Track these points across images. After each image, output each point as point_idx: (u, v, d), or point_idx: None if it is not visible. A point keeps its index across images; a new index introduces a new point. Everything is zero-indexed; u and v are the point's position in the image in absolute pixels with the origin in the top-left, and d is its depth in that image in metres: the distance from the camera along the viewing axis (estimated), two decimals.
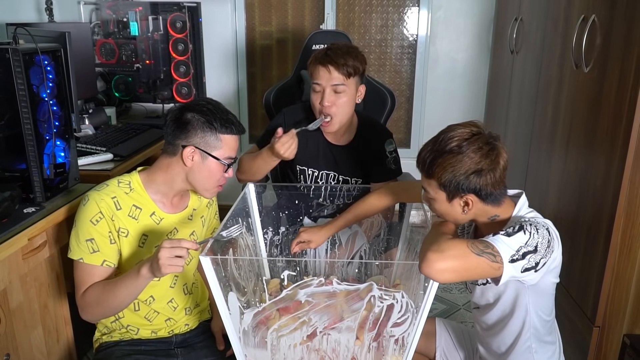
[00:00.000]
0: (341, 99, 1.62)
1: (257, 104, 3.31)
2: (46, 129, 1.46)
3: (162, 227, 1.37)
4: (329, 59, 1.58)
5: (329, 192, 1.72)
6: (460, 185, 1.10)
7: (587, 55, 1.71)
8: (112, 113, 2.53)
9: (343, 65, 1.58)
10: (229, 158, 1.32)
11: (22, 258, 1.38)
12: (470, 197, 1.12)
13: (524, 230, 1.07)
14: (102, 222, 1.28)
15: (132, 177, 1.36)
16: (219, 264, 1.13)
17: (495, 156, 1.10)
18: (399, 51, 3.17)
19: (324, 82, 1.60)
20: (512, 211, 1.18)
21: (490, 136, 1.12)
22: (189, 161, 1.30)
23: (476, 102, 3.14)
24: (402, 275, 1.41)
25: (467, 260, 1.02)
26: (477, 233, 1.27)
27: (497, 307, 1.24)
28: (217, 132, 1.29)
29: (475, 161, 1.09)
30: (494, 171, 1.10)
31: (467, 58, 3.10)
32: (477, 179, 1.10)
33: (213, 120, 1.29)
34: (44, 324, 1.52)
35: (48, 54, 1.46)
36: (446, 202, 1.14)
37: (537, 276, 1.10)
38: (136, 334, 1.41)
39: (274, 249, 1.63)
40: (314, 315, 1.11)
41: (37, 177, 1.44)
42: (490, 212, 1.17)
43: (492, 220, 1.18)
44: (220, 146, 1.30)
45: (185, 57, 2.63)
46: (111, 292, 1.25)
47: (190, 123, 1.28)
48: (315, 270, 1.50)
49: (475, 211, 1.15)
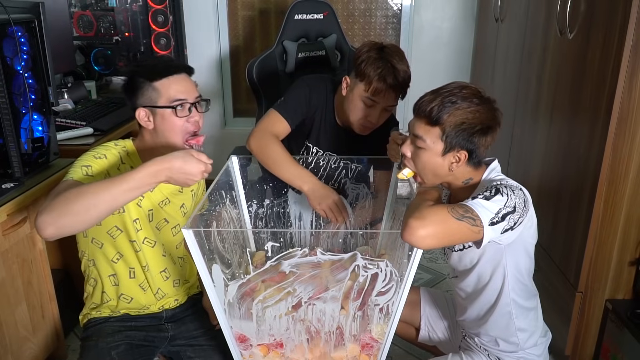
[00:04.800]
0: (388, 113, 1.61)
1: (241, 76, 3.25)
2: (22, 103, 1.42)
3: (155, 194, 1.35)
4: (397, 83, 1.52)
5: (328, 172, 1.69)
6: (464, 138, 1.11)
7: (572, 22, 1.69)
8: (92, 87, 2.47)
9: (407, 85, 1.56)
10: (176, 100, 1.26)
11: (1, 234, 1.36)
12: (463, 154, 1.14)
13: (500, 192, 1.08)
14: (105, 160, 1.26)
15: (127, 143, 1.35)
16: (203, 237, 1.11)
17: (499, 120, 1.14)
18: (384, 21, 3.12)
19: (385, 102, 1.55)
20: (482, 175, 1.19)
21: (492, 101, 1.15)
22: (147, 123, 1.28)
23: (461, 71, 3.11)
24: (387, 246, 1.42)
25: (447, 226, 1.03)
26: (452, 200, 1.28)
27: (475, 272, 1.25)
28: (150, 83, 1.26)
29: (488, 117, 1.12)
30: (493, 134, 1.14)
31: (452, 27, 3.06)
32: (480, 136, 1.12)
33: (142, 74, 1.26)
34: (28, 300, 1.51)
35: (21, 24, 1.41)
36: (439, 154, 1.14)
37: (514, 235, 1.11)
38: (129, 303, 1.39)
39: (259, 221, 1.62)
40: (298, 286, 1.11)
41: (14, 152, 1.40)
42: (467, 174, 1.18)
43: (465, 184, 1.20)
44: (160, 94, 1.26)
45: (166, 29, 2.56)
46: (90, 186, 1.06)
47: (130, 87, 1.28)
48: (301, 242, 1.49)
49: (458, 171, 1.16)
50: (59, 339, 1.68)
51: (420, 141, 1.16)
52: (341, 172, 1.70)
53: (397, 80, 1.52)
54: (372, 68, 1.52)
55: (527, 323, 1.27)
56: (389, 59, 1.53)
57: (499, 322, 1.26)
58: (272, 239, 1.45)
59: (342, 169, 1.70)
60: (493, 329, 1.28)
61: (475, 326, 1.33)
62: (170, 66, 1.28)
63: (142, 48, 2.58)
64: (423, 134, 1.15)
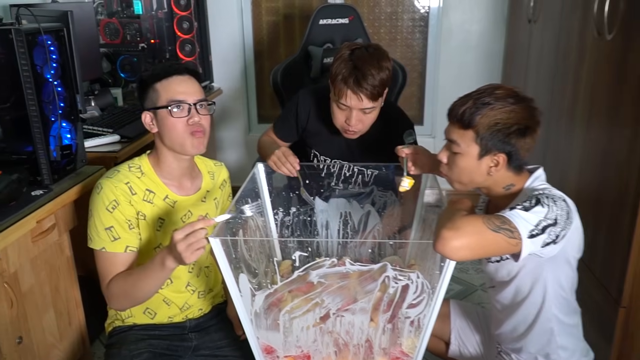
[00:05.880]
0: (370, 117, 1.55)
1: (265, 82, 3.27)
2: (51, 111, 1.45)
3: (176, 210, 1.36)
4: (359, 86, 1.45)
5: (342, 178, 1.68)
6: (500, 139, 1.09)
7: (610, 22, 1.64)
8: (118, 94, 2.51)
9: (376, 87, 1.47)
10: (172, 101, 1.26)
11: (31, 241, 1.39)
12: (501, 157, 1.11)
13: (541, 203, 1.05)
14: (119, 208, 1.27)
15: (142, 161, 1.35)
16: (229, 245, 1.11)
17: (538, 120, 1.11)
18: (410, 24, 3.10)
19: (352, 105, 1.51)
20: (525, 183, 1.16)
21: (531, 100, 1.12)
22: (151, 127, 1.31)
23: (491, 75, 3.06)
24: (417, 256, 1.39)
25: (483, 237, 1.00)
26: (490, 208, 1.25)
27: (513, 285, 1.22)
28: (149, 85, 1.29)
29: (524, 117, 1.09)
30: (533, 134, 1.11)
31: (482, 29, 3.01)
32: (518, 137, 1.09)
33: (147, 77, 1.30)
34: (55, 307, 1.53)
35: (51, 33, 1.44)
36: (475, 158, 1.12)
37: (557, 248, 1.08)
38: (153, 319, 1.40)
39: (285, 229, 1.62)
40: (326, 297, 1.10)
41: (44, 159, 1.43)
42: (507, 180, 1.15)
43: (507, 190, 1.17)
44: (159, 95, 1.28)
45: (190, 35, 2.59)
46: (136, 285, 1.24)
47: (139, 91, 1.32)
48: (328, 251, 1.48)
49: (498, 175, 1.14)
50: (84, 346, 1.70)
51: (455, 146, 1.14)
52: (357, 179, 1.68)
53: (359, 83, 1.46)
54: (338, 70, 1.50)
55: (569, 341, 1.23)
56: (356, 61, 1.48)
57: (539, 339, 1.22)
58: (299, 248, 1.45)
59: (358, 175, 1.68)
60: (533, 345, 1.24)
61: (513, 341, 1.29)
62: (171, 67, 1.30)
63: (168, 55, 2.62)
64: (457, 138, 1.13)
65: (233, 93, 3.20)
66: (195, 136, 1.28)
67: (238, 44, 3.13)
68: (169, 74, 1.28)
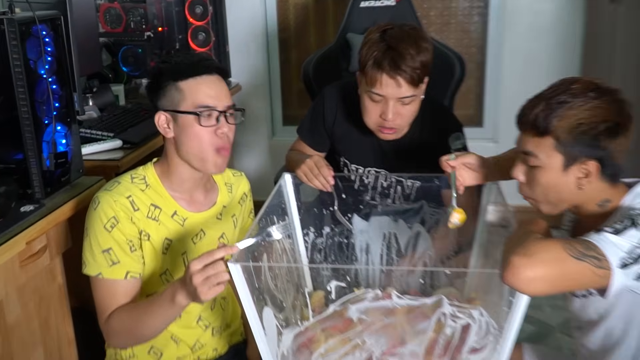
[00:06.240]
0: (409, 109, 1.55)
1: (291, 76, 3.30)
2: (45, 112, 1.48)
3: (186, 229, 1.37)
4: (397, 67, 1.46)
5: (379, 190, 1.68)
6: (587, 143, 1.07)
7: None
8: (120, 91, 2.56)
9: (416, 69, 1.47)
10: (202, 107, 1.26)
11: (19, 265, 1.42)
12: (592, 165, 1.09)
13: (636, 225, 1.03)
14: (119, 227, 1.28)
15: (147, 171, 1.37)
16: (252, 272, 1.12)
17: (629, 113, 1.09)
18: (467, 5, 3.10)
19: (389, 93, 1.51)
20: (622, 199, 1.14)
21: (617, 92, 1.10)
22: (166, 131, 1.30)
23: (567, 66, 3.02)
24: (479, 287, 1.37)
25: (563, 266, 0.99)
26: (578, 229, 1.22)
27: (602, 327, 1.19)
28: (174, 83, 1.27)
29: (612, 112, 1.07)
30: (626, 132, 1.08)
31: (555, 10, 2.99)
32: (608, 138, 1.07)
33: (166, 71, 1.28)
34: (44, 344, 1.56)
35: (46, 22, 1.48)
36: (560, 170, 1.11)
37: None
38: (159, 358, 1.41)
39: (317, 254, 1.62)
40: (368, 338, 1.10)
41: (35, 169, 1.47)
42: (602, 193, 1.13)
43: (601, 206, 1.14)
44: (184, 97, 1.26)
45: (205, 21, 2.64)
46: (141, 321, 1.25)
47: (153, 86, 1.30)
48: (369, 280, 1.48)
49: (590, 188, 1.11)
50: None
51: (532, 159, 1.13)
52: (397, 190, 1.67)
53: (396, 64, 1.46)
54: (368, 54, 1.51)
55: None
56: (390, 40, 1.49)
57: None
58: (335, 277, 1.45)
59: (397, 186, 1.67)
60: None
61: None
62: (199, 64, 1.29)
63: (178, 45, 2.67)
64: (533, 149, 1.12)
65: (254, 90, 3.24)
66: (220, 154, 1.29)
67: (260, 31, 3.18)
68: (197, 73, 1.27)
